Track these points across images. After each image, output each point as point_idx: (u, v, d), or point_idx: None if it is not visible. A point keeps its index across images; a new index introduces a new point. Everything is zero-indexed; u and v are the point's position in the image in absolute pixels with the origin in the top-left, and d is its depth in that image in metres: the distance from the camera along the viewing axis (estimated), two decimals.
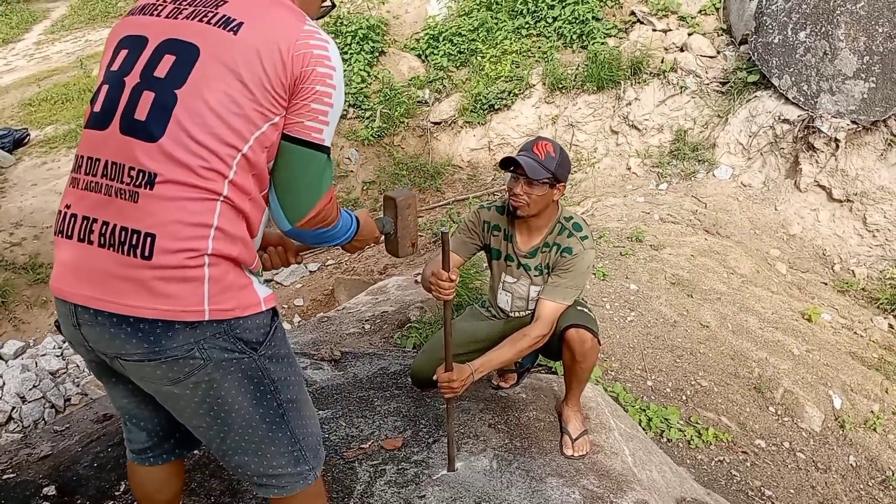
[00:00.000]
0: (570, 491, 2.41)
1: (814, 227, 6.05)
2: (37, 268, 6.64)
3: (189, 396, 1.46)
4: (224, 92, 1.37)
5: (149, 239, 1.35)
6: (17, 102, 10.19)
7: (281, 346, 1.56)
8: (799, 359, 4.48)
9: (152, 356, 1.39)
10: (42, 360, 5.12)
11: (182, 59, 1.39)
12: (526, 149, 2.48)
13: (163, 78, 1.38)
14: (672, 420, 3.71)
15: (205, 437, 1.57)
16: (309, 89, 1.43)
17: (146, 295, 1.36)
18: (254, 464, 1.59)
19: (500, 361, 2.54)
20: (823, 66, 6.02)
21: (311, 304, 6.45)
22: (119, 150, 1.39)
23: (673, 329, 4.45)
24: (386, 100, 8.41)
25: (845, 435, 4.00)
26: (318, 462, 1.69)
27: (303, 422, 1.63)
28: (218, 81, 1.37)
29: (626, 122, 7.39)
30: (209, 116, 1.36)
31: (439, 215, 7.30)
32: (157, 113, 1.37)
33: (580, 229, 2.57)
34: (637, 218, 6.11)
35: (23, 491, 2.41)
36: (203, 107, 1.36)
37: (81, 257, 1.41)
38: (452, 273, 2.27)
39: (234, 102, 1.37)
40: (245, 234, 1.46)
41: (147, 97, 1.38)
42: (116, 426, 2.86)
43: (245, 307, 1.44)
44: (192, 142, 1.36)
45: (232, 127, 1.38)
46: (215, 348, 1.42)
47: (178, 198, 1.35)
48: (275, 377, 1.53)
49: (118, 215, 1.37)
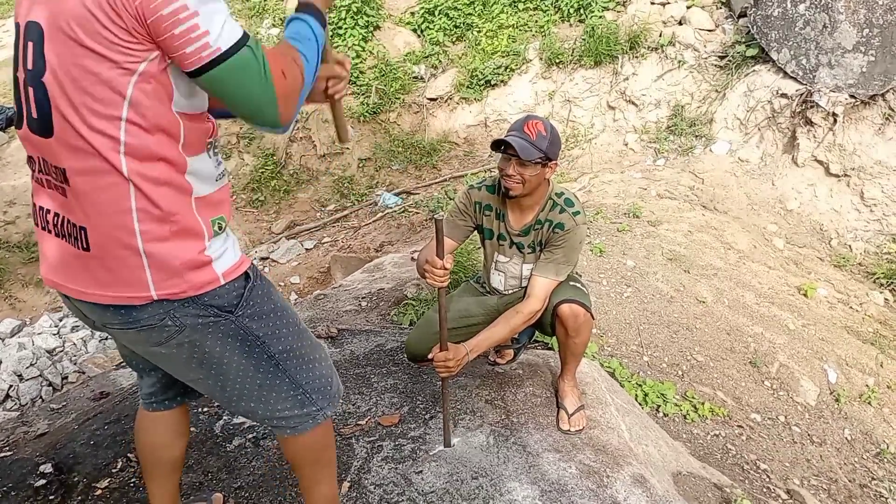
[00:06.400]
0: (566, 466, 2.42)
1: (811, 202, 6.03)
2: (31, 246, 6.60)
3: (176, 355, 1.49)
4: (75, 64, 1.25)
5: (83, 231, 1.36)
6: (8, 79, 10.07)
7: (263, 304, 1.54)
8: (794, 333, 4.49)
9: (130, 325, 1.43)
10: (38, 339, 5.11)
11: (36, 42, 1.30)
12: (516, 128, 2.45)
13: (32, 69, 1.32)
14: (668, 395, 3.72)
15: (205, 390, 1.61)
16: (160, 20, 1.22)
17: (96, 282, 1.39)
18: (260, 409, 1.63)
19: (494, 340, 2.54)
20: (823, 40, 5.96)
21: (307, 282, 6.44)
22: (38, 148, 1.39)
23: (669, 305, 4.46)
24: (381, 75, 8.33)
25: (840, 409, 4.02)
26: (327, 401, 1.71)
27: (306, 367, 1.64)
28: (66, 55, 1.26)
29: (623, 98, 7.33)
30: (75, 95, 1.27)
31: (435, 192, 7.26)
32: (41, 108, 1.33)
33: (571, 204, 2.55)
34: (634, 194, 6.09)
35: (20, 469, 2.41)
36: (67, 87, 1.27)
37: (47, 246, 1.47)
38: (447, 261, 2.26)
39: (89, 72, 1.25)
40: (173, 206, 1.35)
41: (31, 93, 1.34)
42: (113, 404, 2.86)
43: (198, 287, 1.41)
44: (71, 128, 1.29)
45: (99, 97, 1.26)
46: (186, 315, 1.43)
47: (91, 188, 1.33)
48: (259, 333, 1.53)
49: (60, 208, 1.40)
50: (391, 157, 8.07)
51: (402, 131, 8.32)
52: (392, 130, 8.31)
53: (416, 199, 7.24)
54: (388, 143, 8.20)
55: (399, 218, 7.02)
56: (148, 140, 1.31)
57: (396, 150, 8.11)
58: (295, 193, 7.93)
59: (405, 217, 6.99)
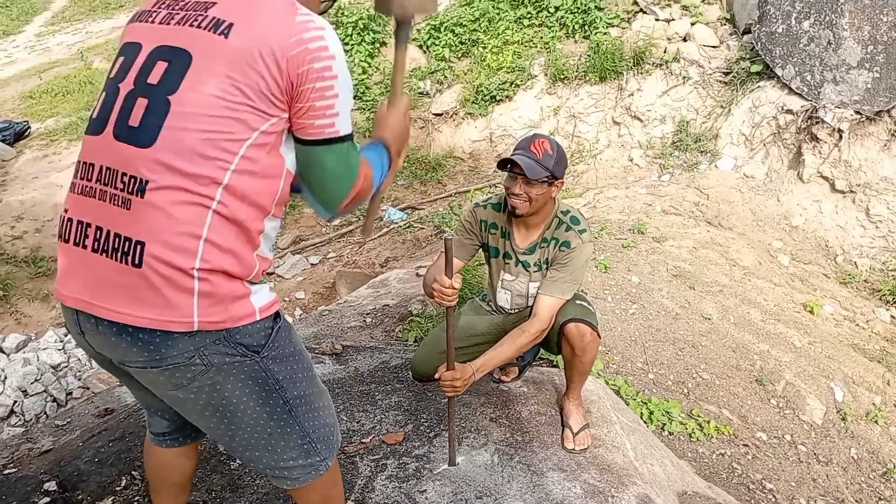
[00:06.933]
0: (571, 485, 2.41)
1: (816, 218, 6.02)
2: (38, 261, 6.64)
3: (194, 400, 1.47)
4: (217, 96, 1.34)
5: (139, 247, 1.34)
6: (17, 95, 10.17)
7: (285, 346, 1.56)
8: (800, 351, 4.47)
9: (153, 364, 1.40)
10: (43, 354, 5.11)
11: (174, 65, 1.37)
12: (523, 147, 2.46)
13: (156, 84, 1.37)
14: (673, 413, 3.71)
15: (214, 436, 1.59)
16: (309, 90, 1.38)
17: (137, 303, 1.35)
18: (265, 458, 1.61)
19: (500, 359, 2.53)
20: (827, 56, 5.98)
21: (312, 297, 6.44)
22: (112, 156, 1.38)
23: (675, 322, 4.44)
24: (387, 91, 8.37)
25: (847, 427, 3.99)
26: (329, 452, 1.70)
27: (313, 414, 1.64)
28: (210, 86, 1.34)
29: (628, 113, 7.35)
30: (202, 121, 1.34)
31: (440, 208, 7.28)
32: (149, 119, 1.35)
33: (578, 222, 2.55)
34: (639, 210, 6.09)
35: (24, 486, 2.41)
36: (196, 112, 1.34)
37: (78, 262, 1.42)
38: (455, 280, 2.27)
39: (227, 107, 1.34)
40: (237, 246, 1.41)
41: (140, 103, 1.37)
42: (118, 421, 2.86)
43: (237, 319, 1.43)
44: (184, 148, 1.34)
45: (226, 131, 1.35)
46: (216, 353, 1.42)
47: (168, 205, 1.33)
48: (279, 377, 1.53)
49: (111, 221, 1.37)
50: (396, 173, 8.09)
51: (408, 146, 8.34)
52: None
53: (422, 215, 7.25)
54: None
55: (404, 233, 7.04)
56: (250, 183, 1.39)
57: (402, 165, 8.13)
58: (301, 208, 7.95)
59: (410, 232, 7.00)
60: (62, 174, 7.61)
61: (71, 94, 9.87)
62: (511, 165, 2.43)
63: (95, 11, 14.52)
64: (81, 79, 10.26)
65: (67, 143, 8.38)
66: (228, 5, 1.40)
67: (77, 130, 8.42)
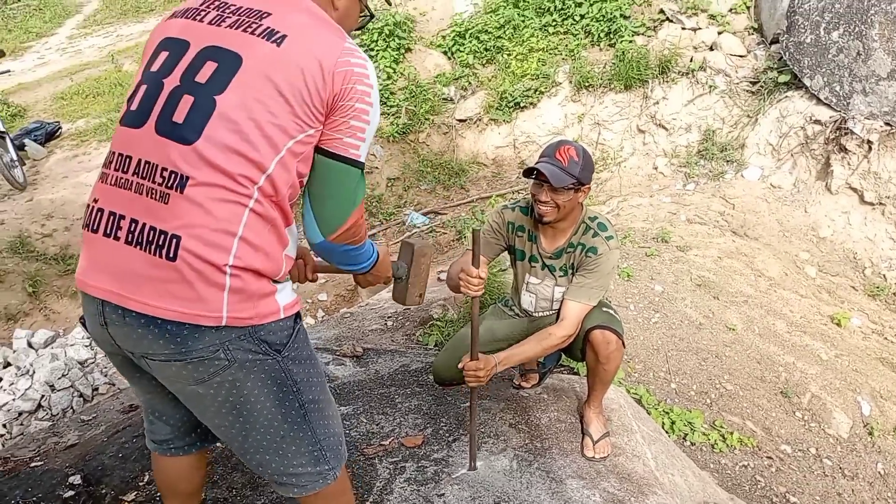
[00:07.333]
0: (590, 493, 2.39)
1: (845, 230, 5.93)
2: (67, 259, 6.74)
3: (213, 396, 1.48)
4: (262, 101, 1.39)
5: (174, 240, 1.36)
6: (49, 96, 10.36)
7: (303, 348, 1.58)
8: (827, 364, 4.40)
9: (178, 357, 1.41)
10: (71, 350, 5.20)
11: (224, 66, 1.41)
12: (548, 154, 2.46)
13: (203, 83, 1.40)
14: (696, 423, 3.67)
15: (226, 437, 1.59)
16: (348, 106, 1.46)
17: (168, 296, 1.37)
18: (274, 462, 1.61)
19: (524, 356, 2.53)
20: (856, 67, 5.90)
21: (334, 300, 6.47)
22: (153, 150, 1.40)
23: (698, 331, 4.40)
24: (411, 97, 8.41)
25: (874, 442, 3.92)
26: (338, 461, 1.70)
27: (324, 422, 1.64)
28: (258, 91, 1.39)
29: (653, 122, 7.31)
30: (246, 124, 1.38)
31: (463, 213, 7.29)
32: (195, 117, 1.38)
33: (605, 229, 2.55)
34: (663, 218, 6.04)
35: (49, 479, 2.45)
36: (241, 114, 1.38)
37: (108, 253, 1.42)
38: (482, 270, 2.28)
39: (271, 112, 1.39)
40: (269, 246, 1.46)
41: (186, 100, 1.40)
42: (141, 417, 2.90)
43: (263, 315, 1.46)
44: (226, 147, 1.37)
45: (267, 135, 1.39)
46: (240, 349, 1.44)
47: (207, 202, 1.36)
48: (297, 378, 1.55)
49: (147, 214, 1.39)
50: (420, 177, 8.11)
51: (431, 151, 8.37)
52: (421, 151, 8.37)
53: (444, 220, 7.27)
54: (416, 163, 8.26)
55: (426, 238, 7.05)
56: (279, 185, 1.44)
57: (425, 170, 8.16)
58: None
59: (432, 237, 7.01)
60: (91, 174, 7.73)
61: (101, 96, 10.04)
62: (537, 174, 2.43)
63: (126, 15, 14.76)
64: (112, 81, 10.42)
65: (97, 143, 8.52)
66: (284, 19, 1.46)
67: (107, 132, 8.55)
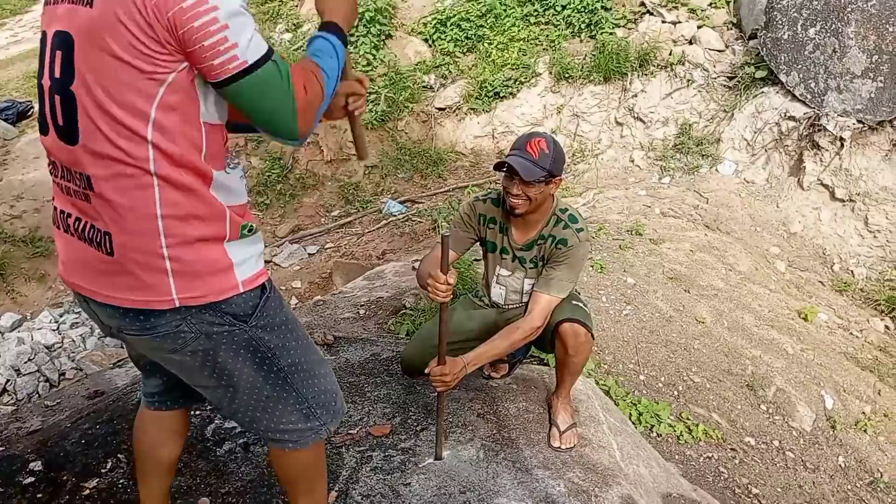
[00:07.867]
0: (555, 483, 2.42)
1: (815, 225, 6.02)
2: (36, 241, 6.63)
3: (190, 362, 1.51)
4: (106, 73, 1.29)
5: (107, 237, 1.39)
6: (21, 74, 10.12)
7: (275, 315, 1.57)
8: (793, 358, 4.47)
9: (145, 332, 1.46)
10: (38, 334, 5.13)
11: (64, 52, 1.34)
12: (518, 147, 2.45)
13: (60, 77, 1.35)
14: (662, 415, 3.71)
15: (213, 398, 1.63)
16: (189, 31, 1.26)
17: (121, 287, 1.41)
18: (265, 420, 1.64)
19: (492, 354, 2.54)
20: (832, 64, 5.97)
21: (308, 287, 6.44)
22: (64, 155, 1.41)
23: (668, 324, 4.45)
24: (391, 84, 8.35)
25: (835, 435, 4.00)
26: (330, 416, 1.73)
27: (311, 381, 1.65)
28: (97, 63, 1.30)
29: (631, 114, 7.34)
30: (105, 103, 1.31)
31: (440, 202, 7.28)
32: (67, 115, 1.36)
33: (575, 221, 2.56)
34: (638, 211, 6.09)
35: (10, 465, 2.42)
36: (97, 95, 1.31)
37: (68, 248, 1.50)
38: (450, 276, 2.26)
39: (119, 81, 1.29)
40: (198, 209, 1.39)
41: (57, 100, 1.37)
42: (106, 403, 2.87)
43: (219, 292, 1.44)
44: (102, 135, 1.33)
45: (128, 106, 1.30)
46: (203, 322, 1.45)
47: (116, 194, 1.35)
48: (271, 345, 1.55)
49: (82, 213, 1.43)
50: (397, 166, 8.08)
51: (410, 140, 8.33)
52: (399, 139, 8.33)
53: (421, 209, 7.25)
54: (395, 151, 8.22)
55: (403, 226, 7.03)
56: (174, 148, 1.34)
57: (403, 158, 8.12)
58: (300, 198, 7.95)
59: (409, 226, 7.00)
60: None
61: None
62: (507, 167, 2.43)
63: None
64: None
65: None
66: None
67: None
